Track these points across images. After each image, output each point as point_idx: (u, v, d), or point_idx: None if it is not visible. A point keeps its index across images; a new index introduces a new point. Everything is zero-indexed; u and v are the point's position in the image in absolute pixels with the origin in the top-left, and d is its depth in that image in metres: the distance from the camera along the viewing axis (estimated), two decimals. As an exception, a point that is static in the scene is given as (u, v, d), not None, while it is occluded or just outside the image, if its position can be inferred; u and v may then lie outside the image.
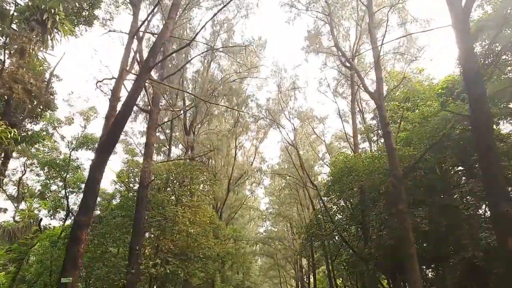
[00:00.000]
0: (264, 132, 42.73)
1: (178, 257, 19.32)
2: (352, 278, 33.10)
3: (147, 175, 19.17)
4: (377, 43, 19.38)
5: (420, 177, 17.50)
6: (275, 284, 65.20)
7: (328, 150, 40.47)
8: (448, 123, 15.77)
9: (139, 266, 17.22)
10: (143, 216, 18.33)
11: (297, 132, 37.64)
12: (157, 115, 21.38)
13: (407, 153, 16.59)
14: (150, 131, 20.44)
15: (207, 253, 21.05)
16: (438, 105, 19.16)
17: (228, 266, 47.13)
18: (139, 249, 17.43)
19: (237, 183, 42.22)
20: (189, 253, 19.56)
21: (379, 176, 17.57)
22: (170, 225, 18.68)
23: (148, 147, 19.99)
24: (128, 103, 12.85)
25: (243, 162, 45.40)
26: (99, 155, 12.92)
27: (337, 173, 20.65)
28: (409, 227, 15.02)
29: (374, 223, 17.41)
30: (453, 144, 15.54)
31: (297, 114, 35.93)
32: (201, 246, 20.01)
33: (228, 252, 36.84)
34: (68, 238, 12.44)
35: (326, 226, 22.17)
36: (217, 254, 25.39)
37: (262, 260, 62.62)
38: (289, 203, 49.65)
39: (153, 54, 13.44)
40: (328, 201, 22.55)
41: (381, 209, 17.22)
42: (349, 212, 21.65)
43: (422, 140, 17.12)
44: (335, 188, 21.38)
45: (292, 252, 46.82)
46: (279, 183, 52.59)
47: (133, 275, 16.77)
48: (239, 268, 50.95)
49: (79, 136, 33.54)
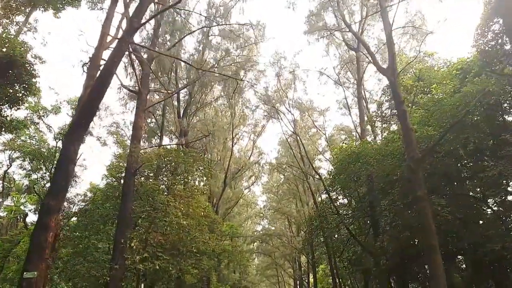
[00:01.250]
0: (262, 126, 40.88)
1: (169, 252, 17.41)
2: (356, 277, 31.36)
3: (134, 161, 17.27)
4: (388, 15, 17.60)
5: (437, 162, 15.74)
6: (273, 284, 63.41)
7: (329, 143, 38.63)
8: (472, 98, 14.00)
9: (124, 261, 15.31)
10: (129, 206, 16.42)
11: (297, 124, 35.86)
12: (146, 96, 19.49)
13: (425, 133, 14.79)
14: (138, 113, 18.53)
15: (202, 248, 19.16)
16: (454, 86, 17.46)
17: (225, 264, 45.31)
18: (125, 242, 15.51)
19: (234, 178, 40.36)
20: (181, 248, 17.65)
21: (392, 161, 15.78)
22: (160, 216, 16.78)
23: (135, 130, 18.09)
24: (107, 68, 10.98)
25: (240, 157, 43.55)
26: (74, 129, 11.03)
27: (343, 160, 18.83)
28: (430, 215, 13.26)
29: (387, 212, 15.59)
30: (479, 121, 13.76)
31: (297, 104, 34.13)
32: (194, 240, 18.12)
33: (224, 250, 35.08)
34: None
35: (331, 219, 20.33)
36: (213, 250, 23.53)
37: (259, 259, 60.81)
38: (288, 199, 47.86)
39: (138, 13, 11.59)
40: (332, 191, 20.70)
41: (395, 197, 15.41)
42: (357, 203, 19.80)
43: (441, 120, 15.33)
44: (340, 177, 19.57)
45: (290, 249, 45.01)
46: (278, 179, 50.81)
47: (117, 271, 14.86)
48: (236, 267, 49.15)
49: (67, 126, 31.69)
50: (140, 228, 17.02)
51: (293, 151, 33.58)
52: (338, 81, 32.33)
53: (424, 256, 13.05)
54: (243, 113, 35.93)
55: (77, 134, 10.93)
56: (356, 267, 25.89)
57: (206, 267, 19.93)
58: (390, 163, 16.13)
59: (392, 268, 16.77)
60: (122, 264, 15.23)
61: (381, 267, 17.21)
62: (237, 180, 42.61)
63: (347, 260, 28.18)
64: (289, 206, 48.51)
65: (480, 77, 14.94)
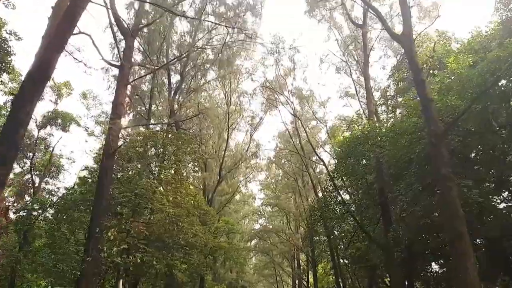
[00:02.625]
0: (260, 118, 38.72)
1: (153, 244, 15.34)
2: (358, 275, 29.34)
3: (114, 141, 15.18)
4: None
5: (457, 141, 13.73)
6: (271, 284, 61.35)
7: (330, 135, 36.53)
8: (503, 63, 11.99)
9: (100, 254, 13.21)
10: (106, 191, 14.31)
11: (297, 113, 33.77)
12: (129, 70, 17.40)
13: (449, 103, 12.77)
14: (119, 87, 16.42)
15: (191, 240, 17.09)
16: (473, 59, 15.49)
17: (220, 262, 43.27)
18: (101, 231, 13.41)
19: (230, 171, 38.23)
20: (168, 240, 15.56)
21: (408, 138, 13.74)
22: (142, 203, 14.68)
23: (115, 106, 15.96)
24: (72, 9, 8.91)
25: (237, 149, 41.45)
26: (26, 84, 8.93)
27: (350, 142, 16.79)
28: (457, 197, 11.24)
29: (403, 197, 13.53)
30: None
31: (298, 91, 32.07)
32: (182, 230, 16.02)
33: (220, 247, 33.02)
34: None
35: (335, 209, 18.22)
36: (205, 244, 21.42)
37: (257, 258, 58.73)
38: (287, 195, 45.83)
39: None
40: (337, 178, 18.59)
41: (411, 180, 13.36)
42: (365, 191, 17.72)
43: (463, 91, 13.31)
44: (346, 162, 17.51)
45: (289, 247, 42.97)
46: (276, 173, 48.80)
47: (90, 265, 12.76)
48: (232, 266, 47.10)
49: (48, 112, 29.53)
50: (119, 217, 14.89)
51: (293, 141, 31.48)
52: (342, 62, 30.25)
53: (450, 246, 11.03)
54: (239, 101, 33.85)
55: (30, 92, 8.83)
56: (360, 264, 23.92)
57: (196, 262, 17.80)
58: (405, 142, 14.09)
59: (407, 261, 14.71)
60: (97, 257, 13.13)
61: (396, 260, 15.13)
62: (234, 173, 40.53)
63: (349, 257, 26.22)
64: (288, 202, 46.49)
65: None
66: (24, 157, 27.41)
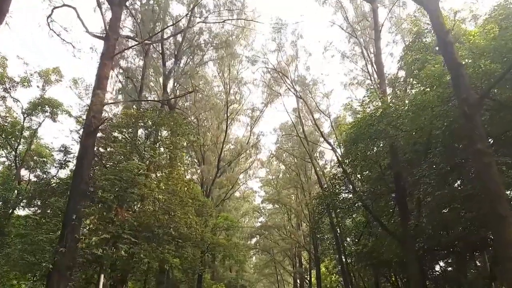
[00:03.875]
0: (260, 111, 36.80)
1: (141, 235, 13.51)
2: (362, 273, 27.53)
3: (95, 117, 13.35)
4: None
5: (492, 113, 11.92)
6: (271, 283, 59.55)
7: (334, 126, 34.68)
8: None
9: (76, 244, 11.39)
10: (86, 173, 12.47)
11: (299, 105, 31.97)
12: (115, 42, 15.54)
13: (482, 67, 10.92)
14: (103, 59, 14.57)
15: (185, 232, 15.25)
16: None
17: (219, 260, 41.51)
18: (78, 218, 11.57)
19: (230, 165, 36.40)
20: (157, 230, 13.70)
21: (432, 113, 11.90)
22: (128, 187, 12.85)
23: (99, 79, 14.11)
24: None
25: (236, 143, 39.58)
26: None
27: (363, 122, 14.95)
28: (497, 174, 9.43)
29: (426, 179, 11.67)
30: None
31: (301, 79, 30.18)
32: (174, 220, 14.18)
33: (218, 244, 31.27)
34: None
35: (345, 197, 16.37)
36: (201, 238, 19.59)
37: (257, 257, 56.97)
38: (288, 191, 44.07)
39: None
40: (347, 164, 16.70)
41: (436, 160, 11.53)
42: (378, 177, 15.86)
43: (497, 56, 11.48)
44: (358, 146, 15.65)
45: (291, 244, 41.20)
46: (277, 169, 47.01)
47: (64, 256, 10.93)
48: (232, 265, 45.39)
49: (36, 99, 27.69)
50: (101, 203, 13.04)
51: (296, 129, 29.61)
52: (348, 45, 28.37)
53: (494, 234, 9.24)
54: (239, 90, 31.98)
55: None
56: (367, 262, 22.11)
57: (190, 256, 15.95)
58: (427, 117, 12.26)
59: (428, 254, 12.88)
60: (72, 248, 11.30)
61: (417, 253, 13.27)
62: (234, 168, 38.70)
63: (355, 254, 24.43)
64: (289, 198, 44.71)
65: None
66: (8, 145, 25.56)
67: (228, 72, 31.93)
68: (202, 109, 27.33)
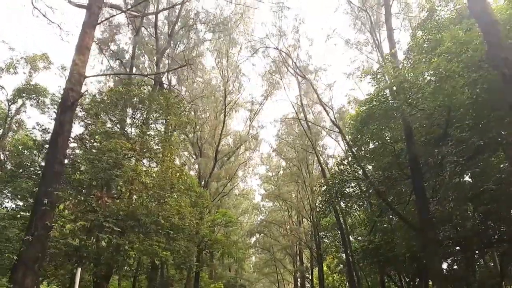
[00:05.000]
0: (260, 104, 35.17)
1: (124, 224, 11.87)
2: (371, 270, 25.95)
3: (74, 90, 11.74)
4: None
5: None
6: (271, 283, 58.00)
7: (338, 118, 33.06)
8: None
9: (47, 232, 9.76)
10: (61, 153, 10.83)
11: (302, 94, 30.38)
12: (99, 10, 13.91)
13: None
14: (85, 29, 12.92)
15: (177, 223, 13.62)
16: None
17: (217, 258, 39.94)
18: (51, 203, 9.95)
19: (228, 157, 34.80)
20: (144, 218, 12.06)
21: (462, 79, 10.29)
22: (109, 168, 11.21)
23: (79, 50, 12.50)
24: None
25: (234, 136, 37.96)
26: None
27: (376, 99, 13.34)
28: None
29: (454, 157, 10.02)
30: None
31: (303, 67, 28.55)
32: (164, 208, 12.55)
33: (217, 240, 29.73)
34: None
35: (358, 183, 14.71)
36: (196, 231, 18.01)
37: (257, 256, 55.46)
38: (289, 187, 42.52)
39: None
40: (357, 147, 15.06)
41: (463, 136, 9.92)
42: (392, 161, 14.20)
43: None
44: (369, 128, 14.02)
45: (292, 241, 39.63)
46: (277, 165, 45.44)
47: (32, 246, 9.33)
48: (231, 264, 43.87)
49: (21, 85, 26.03)
50: (80, 186, 11.39)
51: (298, 116, 28.01)
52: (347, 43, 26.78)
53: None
54: (236, 78, 30.30)
55: None
56: (373, 258, 20.61)
57: (183, 249, 14.30)
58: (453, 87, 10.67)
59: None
60: (42, 237, 9.67)
61: (440, 243, 11.65)
62: (233, 163, 37.07)
63: (361, 251, 22.94)
64: (290, 196, 43.15)
65: None
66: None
67: (227, 59, 30.41)
68: (198, 95, 25.61)
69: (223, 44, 27.03)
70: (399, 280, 23.57)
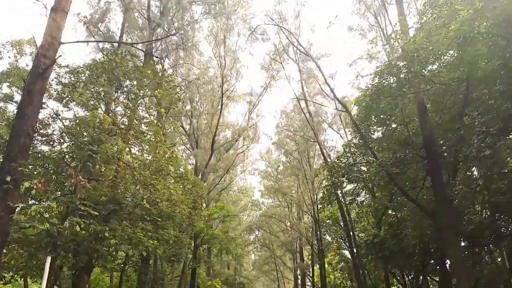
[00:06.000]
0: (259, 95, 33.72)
1: (104, 208, 10.49)
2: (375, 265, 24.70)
3: (46, 56, 10.36)
4: None
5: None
6: (271, 280, 56.83)
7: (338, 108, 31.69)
8: None
9: (9, 214, 8.37)
10: (29, 124, 9.46)
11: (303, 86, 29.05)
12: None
13: None
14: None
15: (166, 209, 12.24)
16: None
17: (215, 255, 38.67)
18: (14, 180, 8.57)
19: (225, 148, 33.42)
20: (126, 202, 10.66)
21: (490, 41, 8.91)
22: (85, 143, 9.80)
23: (53, 12, 11.11)
24: None
25: (232, 127, 36.52)
26: None
27: (386, 71, 11.96)
28: None
29: (483, 127, 8.61)
30: None
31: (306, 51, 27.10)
32: (149, 190, 11.14)
33: (214, 235, 28.45)
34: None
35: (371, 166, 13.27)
36: (189, 222, 16.62)
37: (256, 254, 54.31)
38: (289, 182, 41.28)
39: None
40: (366, 126, 13.63)
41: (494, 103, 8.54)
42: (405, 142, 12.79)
43: None
44: (379, 106, 12.63)
45: (292, 237, 38.35)
46: (277, 160, 44.19)
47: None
48: (229, 261, 42.62)
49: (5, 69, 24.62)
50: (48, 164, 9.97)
51: (300, 104, 26.66)
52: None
53: None
54: (234, 63, 28.84)
55: None
56: (378, 254, 19.45)
57: (172, 238, 12.89)
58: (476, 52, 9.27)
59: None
60: (4, 219, 8.30)
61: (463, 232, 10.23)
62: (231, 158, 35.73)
63: (365, 246, 21.79)
64: (290, 190, 41.93)
65: None
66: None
67: (224, 46, 29.03)
68: (195, 81, 24.19)
69: (220, 30, 25.64)
70: (402, 278, 22.68)
